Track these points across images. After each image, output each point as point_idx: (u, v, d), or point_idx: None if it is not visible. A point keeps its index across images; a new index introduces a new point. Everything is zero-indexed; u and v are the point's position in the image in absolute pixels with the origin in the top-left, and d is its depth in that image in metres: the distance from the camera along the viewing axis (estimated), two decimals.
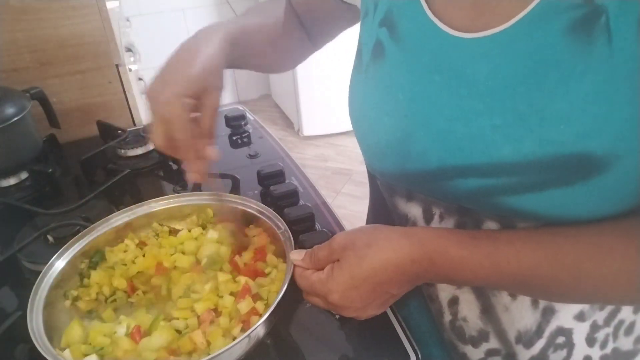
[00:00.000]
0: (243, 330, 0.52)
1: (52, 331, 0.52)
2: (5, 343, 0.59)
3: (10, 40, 1.00)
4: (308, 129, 2.93)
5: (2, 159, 0.89)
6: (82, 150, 0.94)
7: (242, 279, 0.56)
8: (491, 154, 0.41)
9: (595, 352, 0.52)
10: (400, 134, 0.47)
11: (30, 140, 0.94)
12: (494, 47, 0.40)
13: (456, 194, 0.46)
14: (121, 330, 0.52)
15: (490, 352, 0.52)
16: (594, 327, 0.51)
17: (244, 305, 0.53)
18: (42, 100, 0.98)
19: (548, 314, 0.49)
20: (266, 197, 0.81)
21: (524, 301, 0.49)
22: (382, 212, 0.60)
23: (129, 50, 1.59)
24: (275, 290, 0.55)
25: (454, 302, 0.52)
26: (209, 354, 0.45)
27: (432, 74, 0.44)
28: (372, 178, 0.61)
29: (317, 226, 0.74)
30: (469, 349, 0.54)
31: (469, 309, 0.51)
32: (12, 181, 0.92)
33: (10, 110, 0.87)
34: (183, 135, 0.49)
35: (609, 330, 0.51)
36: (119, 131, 1.02)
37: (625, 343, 0.53)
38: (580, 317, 0.50)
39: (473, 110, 0.42)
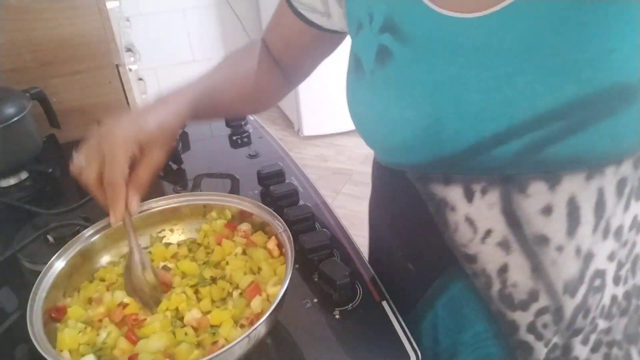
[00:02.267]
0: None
1: (52, 331, 0.52)
2: (5, 343, 0.59)
3: (10, 40, 1.00)
4: (308, 129, 2.92)
5: (2, 159, 0.89)
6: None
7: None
8: (534, 107, 0.43)
9: (620, 290, 0.55)
10: (428, 122, 0.48)
11: (30, 140, 0.94)
12: (516, 14, 0.43)
13: (499, 162, 0.47)
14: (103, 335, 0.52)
15: (540, 312, 0.54)
16: (619, 265, 0.53)
17: (257, 304, 0.54)
18: (42, 100, 0.98)
19: (588, 259, 0.51)
20: (266, 197, 0.81)
21: (569, 252, 0.51)
22: (403, 205, 0.61)
23: (129, 50, 1.58)
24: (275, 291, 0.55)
25: (503, 270, 0.54)
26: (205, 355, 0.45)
27: (454, 57, 0.46)
28: (389, 174, 0.60)
29: (317, 226, 0.74)
30: (518, 315, 0.55)
31: (520, 272, 0.53)
32: (12, 181, 0.92)
33: (10, 110, 0.87)
34: (117, 177, 0.51)
35: (629, 266, 0.54)
36: None
37: None
38: (611, 257, 0.52)
39: (505, 75, 0.44)
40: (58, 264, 0.58)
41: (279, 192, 0.78)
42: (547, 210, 0.49)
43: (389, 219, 0.67)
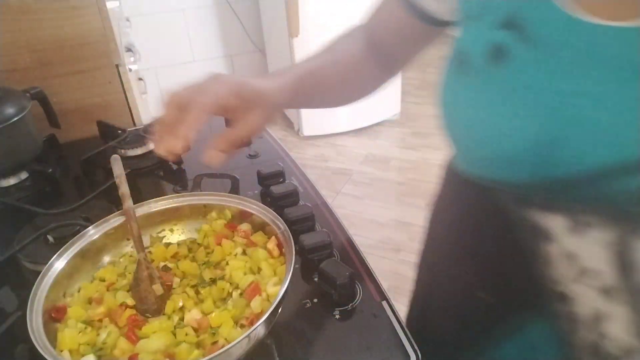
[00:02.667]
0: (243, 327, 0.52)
1: (52, 331, 0.52)
2: (5, 343, 0.59)
3: (10, 40, 1.00)
4: (308, 129, 2.93)
5: (2, 159, 0.89)
6: (82, 150, 0.94)
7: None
8: None
9: None
10: (546, 138, 0.43)
11: (30, 140, 0.94)
12: None
13: (617, 195, 0.41)
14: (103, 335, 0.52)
15: None
16: None
17: (257, 304, 0.53)
18: (42, 100, 0.98)
19: None
20: (266, 197, 0.81)
21: None
22: (487, 226, 0.54)
23: (129, 50, 1.59)
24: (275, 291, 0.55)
25: (598, 318, 0.47)
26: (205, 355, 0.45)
27: (591, 68, 0.41)
28: (471, 189, 0.54)
29: (317, 226, 0.74)
30: None
31: (618, 325, 0.47)
32: (12, 181, 0.92)
33: (10, 110, 0.87)
34: (202, 104, 0.49)
35: None
36: (119, 131, 1.02)
37: None
38: None
39: None
40: (58, 264, 0.58)
41: (279, 192, 0.78)
42: None
43: (459, 238, 0.60)
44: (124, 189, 0.63)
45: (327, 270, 0.61)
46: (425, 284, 0.68)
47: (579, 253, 0.45)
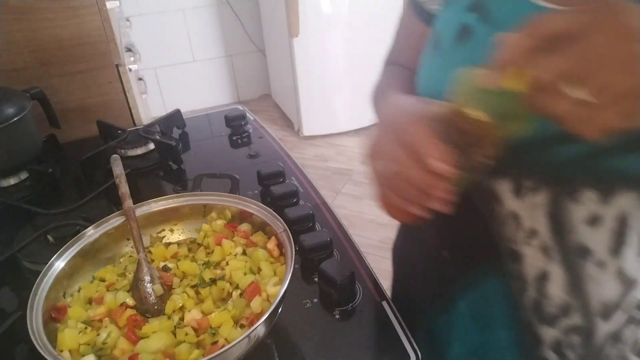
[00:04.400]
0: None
1: (52, 331, 0.52)
2: (5, 343, 0.59)
3: (10, 40, 1.00)
4: (308, 129, 2.92)
5: (2, 159, 0.89)
6: (82, 150, 0.94)
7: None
8: None
9: None
10: None
11: (30, 140, 0.94)
12: None
13: (555, 161, 0.46)
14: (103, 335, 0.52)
15: (568, 330, 0.52)
16: None
17: (257, 305, 0.53)
18: (42, 100, 0.98)
19: (630, 285, 0.49)
20: (266, 197, 0.81)
21: (610, 271, 0.49)
22: None
23: (129, 50, 1.59)
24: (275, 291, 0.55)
25: (541, 277, 0.52)
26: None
27: None
28: None
29: (317, 226, 0.74)
30: (544, 329, 0.53)
31: (556, 284, 0.51)
32: (12, 181, 0.92)
33: (10, 110, 0.87)
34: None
35: None
36: (119, 131, 1.02)
37: None
38: None
39: None
40: (58, 264, 0.58)
41: (279, 192, 0.78)
42: (594, 221, 0.47)
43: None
44: (124, 189, 0.63)
45: (327, 270, 0.61)
46: (401, 253, 0.71)
47: (521, 214, 0.50)
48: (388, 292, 0.63)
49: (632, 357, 0.52)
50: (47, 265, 0.57)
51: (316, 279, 0.63)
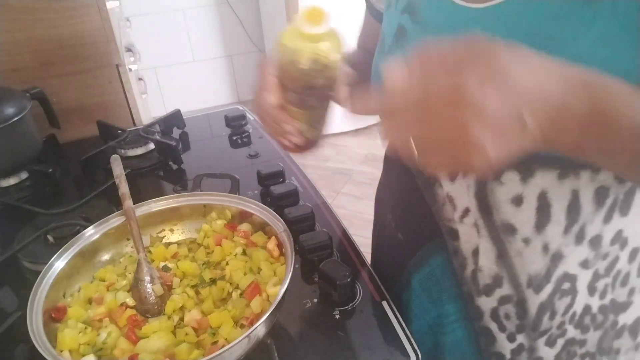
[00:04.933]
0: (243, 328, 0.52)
1: (52, 331, 0.52)
2: (5, 343, 0.59)
3: (10, 40, 1.00)
4: None
5: (2, 159, 0.89)
6: (82, 150, 0.94)
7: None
8: None
9: (595, 301, 0.55)
10: None
11: (30, 140, 0.94)
12: (507, 11, 0.45)
13: None
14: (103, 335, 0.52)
15: (503, 300, 0.56)
16: (596, 276, 0.54)
17: (257, 305, 0.53)
18: (42, 100, 0.98)
19: (556, 259, 0.52)
20: (266, 197, 0.81)
21: (536, 247, 0.52)
22: (398, 178, 0.64)
23: (129, 50, 1.58)
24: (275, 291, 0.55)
25: (476, 252, 0.55)
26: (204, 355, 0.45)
27: None
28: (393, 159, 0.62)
29: (317, 226, 0.74)
30: (482, 300, 0.57)
31: (487, 257, 0.54)
32: (12, 181, 0.92)
33: (10, 110, 0.87)
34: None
35: (608, 280, 0.54)
36: (119, 131, 1.02)
37: (621, 294, 0.56)
38: (584, 264, 0.53)
39: None
40: (58, 264, 0.58)
41: (279, 192, 0.78)
42: (518, 201, 0.50)
43: (388, 191, 0.70)
44: (124, 189, 0.63)
45: (327, 270, 0.61)
46: (374, 239, 0.77)
47: (455, 195, 0.54)
48: (387, 294, 0.63)
49: (571, 329, 0.56)
50: (47, 265, 0.57)
51: (316, 279, 0.63)
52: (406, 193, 0.62)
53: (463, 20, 0.48)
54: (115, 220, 0.64)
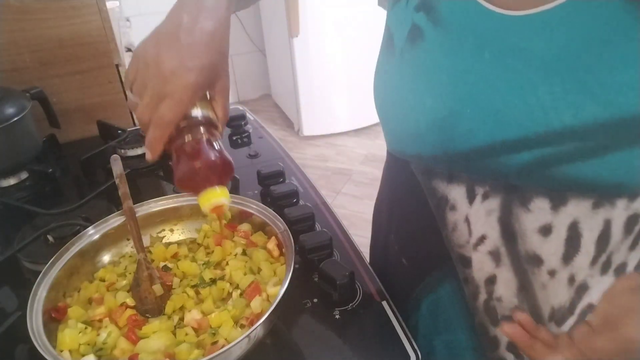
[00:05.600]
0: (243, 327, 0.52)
1: (52, 331, 0.52)
2: (5, 343, 0.59)
3: (10, 40, 1.00)
4: (308, 129, 2.92)
5: (2, 159, 0.89)
6: (82, 150, 0.94)
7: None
8: (551, 122, 0.41)
9: None
10: (444, 114, 0.47)
11: (30, 140, 0.94)
12: (552, 20, 0.41)
13: (505, 170, 0.46)
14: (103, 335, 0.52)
15: None
16: None
17: (257, 305, 0.53)
18: (42, 100, 0.98)
19: (581, 290, 0.49)
20: (266, 197, 0.81)
21: (562, 279, 0.49)
22: (404, 198, 0.60)
23: (129, 50, 1.59)
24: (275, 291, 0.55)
25: (491, 281, 0.52)
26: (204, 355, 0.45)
27: (481, 52, 0.44)
28: (395, 164, 0.59)
29: (317, 226, 0.74)
30: (498, 331, 0.54)
31: (506, 287, 0.52)
32: (12, 181, 0.92)
33: (10, 110, 0.87)
34: (173, 118, 0.46)
35: None
36: (119, 131, 1.02)
37: None
38: None
39: (530, 82, 0.42)
40: (58, 264, 0.58)
41: (279, 192, 0.78)
42: (546, 230, 0.47)
43: (388, 210, 0.66)
44: (124, 189, 0.63)
45: (327, 270, 0.61)
46: (374, 258, 0.74)
47: (473, 220, 0.51)
48: (387, 294, 0.63)
49: None
50: (47, 265, 0.57)
51: (316, 279, 0.63)
52: (414, 214, 0.58)
53: (494, 28, 0.44)
54: (115, 220, 0.64)
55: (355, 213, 2.31)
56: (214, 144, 0.51)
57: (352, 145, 2.88)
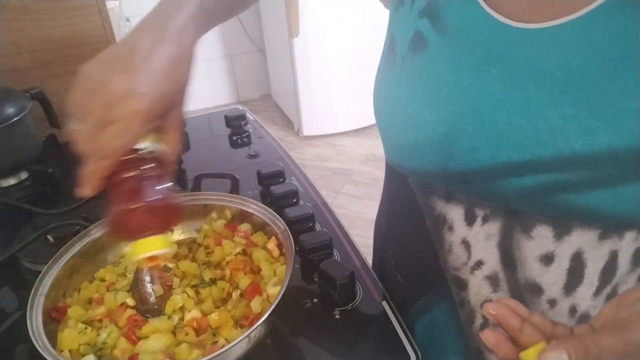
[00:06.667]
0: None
1: (52, 331, 0.52)
2: (5, 343, 0.59)
3: (10, 40, 1.00)
4: (308, 129, 2.92)
5: (2, 159, 0.89)
6: None
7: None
8: (560, 147, 0.38)
9: None
10: (445, 130, 0.44)
11: (30, 140, 0.94)
12: (565, 36, 0.38)
13: (507, 193, 0.43)
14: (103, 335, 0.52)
15: None
16: None
17: (257, 305, 0.53)
18: (42, 100, 0.98)
19: (583, 321, 0.47)
20: (266, 197, 0.81)
21: (562, 309, 0.47)
22: (401, 212, 0.58)
23: None
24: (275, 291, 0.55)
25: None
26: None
27: (488, 66, 0.41)
28: (394, 176, 0.57)
29: (317, 226, 0.74)
30: (494, 358, 0.50)
31: None
32: (12, 181, 0.92)
33: (10, 110, 0.87)
34: (118, 149, 0.44)
35: None
36: None
37: None
38: None
39: (539, 102, 0.39)
40: (58, 264, 0.58)
41: (279, 192, 0.78)
42: (548, 259, 0.45)
43: (386, 223, 0.65)
44: None
45: (327, 270, 0.61)
46: (374, 266, 0.72)
47: (472, 243, 0.48)
48: (387, 294, 0.63)
49: None
50: (47, 265, 0.57)
51: (316, 279, 0.63)
52: (410, 230, 0.56)
53: (503, 41, 0.41)
54: None
55: (355, 213, 2.31)
56: (160, 184, 0.46)
57: (352, 145, 2.88)
